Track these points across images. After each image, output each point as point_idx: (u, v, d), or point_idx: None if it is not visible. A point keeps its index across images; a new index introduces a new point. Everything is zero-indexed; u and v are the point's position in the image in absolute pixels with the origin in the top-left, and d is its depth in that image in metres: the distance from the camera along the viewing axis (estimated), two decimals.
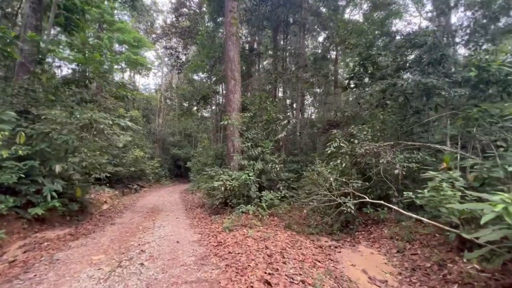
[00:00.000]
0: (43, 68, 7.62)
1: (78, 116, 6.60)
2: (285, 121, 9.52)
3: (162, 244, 5.00)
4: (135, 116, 22.25)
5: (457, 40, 10.55)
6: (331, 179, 6.30)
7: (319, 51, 19.53)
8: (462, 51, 12.44)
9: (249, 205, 6.69)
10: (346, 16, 19.41)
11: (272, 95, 12.49)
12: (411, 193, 4.73)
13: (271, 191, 8.15)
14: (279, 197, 7.48)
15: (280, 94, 18.70)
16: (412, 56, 8.72)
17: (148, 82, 57.96)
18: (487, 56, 6.83)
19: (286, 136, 9.71)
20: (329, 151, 7.64)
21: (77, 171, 7.07)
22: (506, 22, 10.72)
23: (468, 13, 11.44)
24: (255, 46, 16.45)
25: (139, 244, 4.96)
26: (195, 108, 30.49)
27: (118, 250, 4.65)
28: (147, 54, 31.15)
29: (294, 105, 19.12)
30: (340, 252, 5.14)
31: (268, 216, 6.79)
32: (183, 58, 22.93)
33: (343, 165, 6.46)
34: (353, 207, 5.58)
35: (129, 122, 8.42)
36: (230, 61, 9.91)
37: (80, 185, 8.36)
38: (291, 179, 9.14)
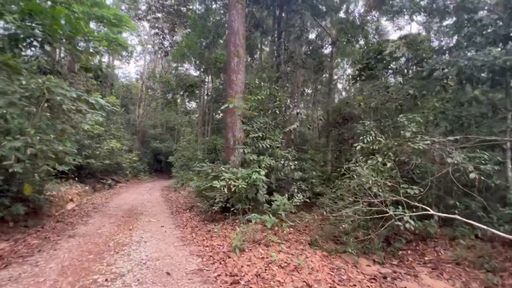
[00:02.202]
0: None
1: (23, 82, 4.57)
2: (297, 111, 7.93)
3: (144, 279, 3.20)
4: (112, 102, 19.72)
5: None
6: (371, 182, 4.78)
7: (310, 48, 18.32)
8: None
9: (267, 215, 5.02)
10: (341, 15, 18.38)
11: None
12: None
13: (285, 194, 6.55)
14: (298, 203, 5.87)
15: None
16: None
17: (128, 70, 54.37)
18: None
19: (298, 128, 8.13)
20: (358, 147, 6.17)
21: (22, 160, 5.04)
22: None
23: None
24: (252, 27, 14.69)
25: (106, 280, 3.13)
26: (179, 99, 28.14)
27: None
28: (129, 38, 28.24)
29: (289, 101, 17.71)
30: None
31: (287, 229, 5.16)
32: (169, 41, 20.69)
33: (388, 164, 4.98)
34: (413, 222, 4.10)
35: (102, 100, 6.45)
36: (234, 34, 8.13)
37: (30, 180, 6.28)
38: (313, 180, 7.57)
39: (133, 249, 4.32)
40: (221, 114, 25.53)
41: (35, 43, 6.20)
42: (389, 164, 4.96)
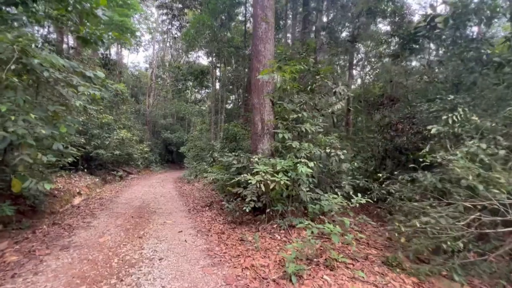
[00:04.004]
0: None
1: None
2: (340, 88, 6.40)
3: None
4: (120, 89, 18.58)
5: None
6: (472, 177, 3.31)
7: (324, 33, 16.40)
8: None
9: (330, 224, 3.64)
10: None
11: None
12: None
13: (333, 191, 5.16)
14: (357, 204, 4.44)
15: None
16: None
17: (138, 60, 53.56)
18: None
19: (343, 107, 6.62)
20: (433, 130, 4.66)
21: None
22: None
23: None
24: None
25: None
26: (190, 87, 26.87)
27: None
28: (137, 27, 26.89)
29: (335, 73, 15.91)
30: None
31: (354, 242, 3.77)
32: (180, 21, 19.24)
33: (501, 153, 3.47)
34: None
35: (102, 74, 5.13)
36: None
37: (19, 173, 5.13)
38: (355, 172, 6.15)
39: (144, 272, 3.05)
40: (231, 104, 24.17)
41: None
42: (501, 152, 3.46)
